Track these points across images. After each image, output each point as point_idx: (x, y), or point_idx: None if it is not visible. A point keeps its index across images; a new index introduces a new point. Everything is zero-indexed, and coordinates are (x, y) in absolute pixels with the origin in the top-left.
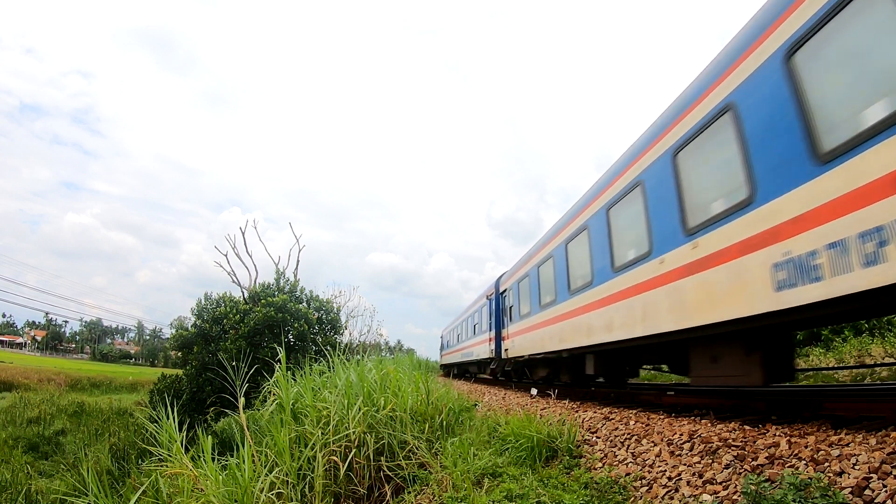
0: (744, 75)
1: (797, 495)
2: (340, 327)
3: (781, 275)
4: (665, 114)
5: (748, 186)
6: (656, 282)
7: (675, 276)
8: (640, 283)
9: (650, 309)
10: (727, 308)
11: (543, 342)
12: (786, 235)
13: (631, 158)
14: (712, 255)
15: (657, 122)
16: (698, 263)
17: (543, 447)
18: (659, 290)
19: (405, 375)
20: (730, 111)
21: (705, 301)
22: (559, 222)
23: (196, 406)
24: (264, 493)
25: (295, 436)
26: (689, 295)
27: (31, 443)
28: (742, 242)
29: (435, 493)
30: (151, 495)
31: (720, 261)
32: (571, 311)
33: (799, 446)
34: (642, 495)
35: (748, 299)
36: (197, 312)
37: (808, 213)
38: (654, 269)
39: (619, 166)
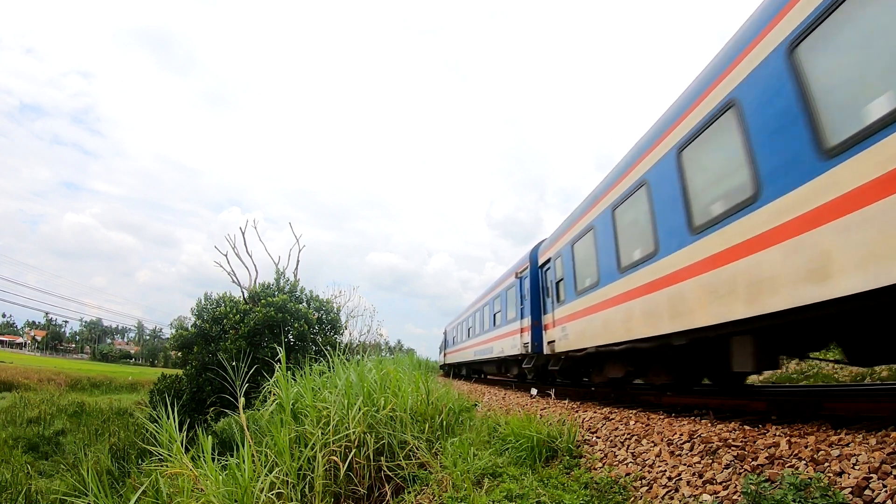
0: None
1: (797, 495)
2: (340, 327)
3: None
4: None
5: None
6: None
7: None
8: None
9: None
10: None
11: (628, 325)
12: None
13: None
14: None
15: None
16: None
17: (543, 447)
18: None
19: (405, 375)
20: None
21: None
22: (660, 123)
23: (196, 406)
24: (264, 493)
25: (295, 436)
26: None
27: (31, 443)
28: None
29: (435, 493)
30: (151, 495)
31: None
32: (704, 261)
33: (799, 446)
34: (642, 495)
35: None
36: (197, 312)
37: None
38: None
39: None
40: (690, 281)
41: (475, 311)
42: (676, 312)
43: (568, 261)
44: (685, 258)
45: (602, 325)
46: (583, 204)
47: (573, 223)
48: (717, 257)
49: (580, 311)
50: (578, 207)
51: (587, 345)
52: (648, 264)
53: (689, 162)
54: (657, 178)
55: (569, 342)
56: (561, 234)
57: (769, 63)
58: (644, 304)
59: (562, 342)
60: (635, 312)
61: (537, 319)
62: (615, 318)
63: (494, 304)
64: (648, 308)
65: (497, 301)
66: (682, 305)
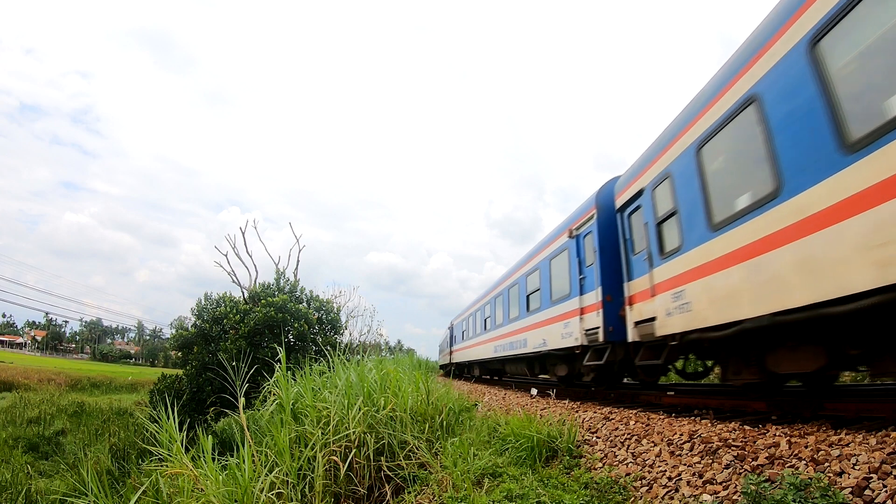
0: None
1: (797, 495)
2: (340, 327)
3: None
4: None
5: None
6: None
7: None
8: None
9: None
10: None
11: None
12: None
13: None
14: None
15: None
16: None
17: (543, 447)
18: None
19: (405, 375)
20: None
21: None
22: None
23: (196, 406)
24: (264, 493)
25: (295, 436)
26: None
27: (31, 443)
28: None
29: (435, 493)
30: (151, 495)
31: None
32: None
33: (799, 446)
34: (642, 495)
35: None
36: (197, 312)
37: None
38: None
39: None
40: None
41: (495, 297)
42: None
43: (690, 179)
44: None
45: (794, 270)
46: (723, 72)
47: (700, 112)
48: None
49: (725, 258)
50: (713, 81)
51: (742, 314)
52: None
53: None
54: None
55: (692, 316)
56: (670, 140)
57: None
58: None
59: (674, 318)
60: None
61: (613, 292)
62: (833, 253)
63: (528, 281)
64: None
65: (533, 277)
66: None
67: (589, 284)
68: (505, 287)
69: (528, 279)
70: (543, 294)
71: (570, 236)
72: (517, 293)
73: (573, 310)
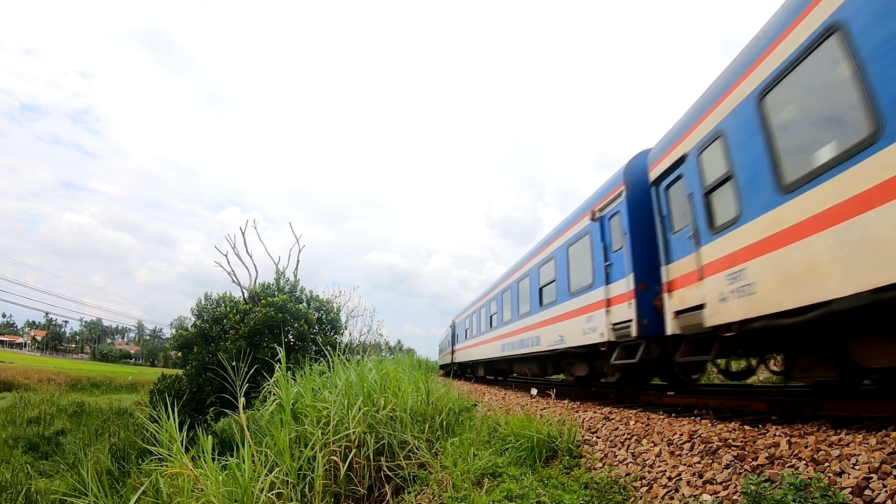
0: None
1: (797, 495)
2: (340, 327)
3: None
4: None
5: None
6: None
7: None
8: None
9: None
10: None
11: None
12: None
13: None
14: None
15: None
16: None
17: (543, 447)
18: None
19: (405, 375)
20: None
21: None
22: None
23: (196, 406)
24: (264, 493)
25: (295, 436)
26: None
27: (31, 443)
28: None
29: (435, 493)
30: (151, 495)
31: None
32: None
33: (799, 446)
34: (642, 495)
35: None
36: (197, 312)
37: None
38: None
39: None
40: None
41: (503, 291)
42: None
43: (751, 135)
44: None
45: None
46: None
47: (761, 54)
48: None
49: (804, 225)
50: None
51: (828, 293)
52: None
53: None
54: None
55: (756, 300)
56: (721, 94)
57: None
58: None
59: (730, 304)
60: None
61: (647, 279)
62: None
63: (541, 273)
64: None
65: (547, 267)
66: None
67: (617, 272)
68: (514, 280)
69: (542, 270)
70: (560, 286)
71: (592, 219)
72: (528, 286)
73: (597, 302)
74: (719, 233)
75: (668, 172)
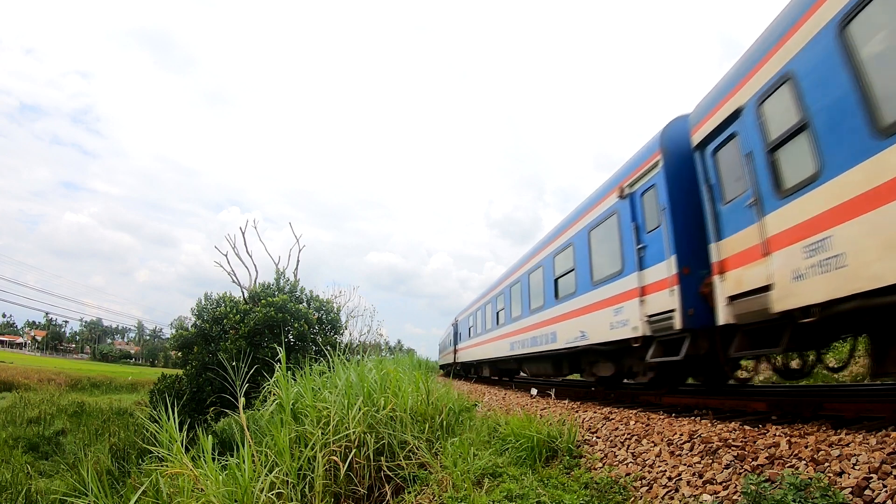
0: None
1: (797, 495)
2: (340, 327)
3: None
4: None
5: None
6: None
7: None
8: None
9: None
10: None
11: None
12: None
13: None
14: None
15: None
16: None
17: (543, 447)
18: None
19: (405, 375)
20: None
21: None
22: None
23: (196, 406)
24: (264, 493)
25: (295, 436)
26: None
27: (31, 443)
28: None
29: (435, 493)
30: (151, 495)
31: None
32: None
33: (799, 446)
34: (642, 495)
35: None
36: (197, 312)
37: None
38: None
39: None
40: None
41: (511, 285)
42: None
43: (831, 72)
44: None
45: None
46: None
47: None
48: None
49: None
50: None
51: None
52: None
53: None
54: None
55: (848, 275)
56: (786, 30)
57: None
58: None
59: (808, 282)
60: None
61: (692, 261)
62: None
63: (557, 262)
64: None
65: (564, 256)
66: None
67: (654, 255)
68: (524, 273)
69: (557, 259)
70: (581, 275)
71: (620, 196)
72: (541, 278)
73: (628, 291)
74: (791, 196)
75: (717, 132)
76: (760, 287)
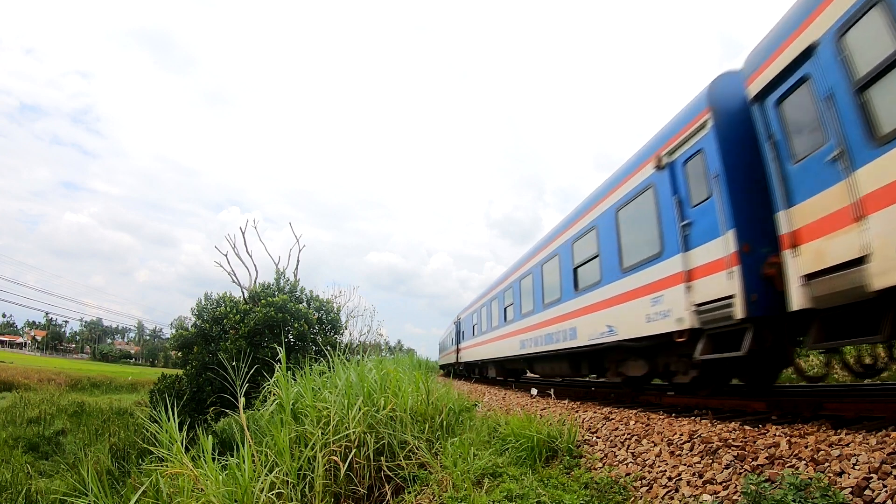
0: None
1: (797, 495)
2: (340, 327)
3: None
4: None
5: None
6: None
7: None
8: None
9: None
10: None
11: None
12: None
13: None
14: None
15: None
16: None
17: (543, 447)
18: None
19: (405, 375)
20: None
21: None
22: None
23: (196, 406)
24: (264, 493)
25: (295, 436)
26: None
27: (32, 443)
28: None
29: (435, 493)
30: (151, 495)
31: None
32: None
33: (799, 446)
34: (642, 495)
35: None
36: (197, 312)
37: None
38: None
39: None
40: None
41: (521, 278)
42: None
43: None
44: None
45: None
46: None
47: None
48: None
49: None
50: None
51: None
52: None
53: None
54: None
55: None
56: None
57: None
58: None
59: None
60: None
61: (753, 238)
62: None
63: (576, 249)
64: None
65: (585, 242)
66: None
67: (703, 232)
68: (535, 264)
69: (577, 246)
70: (607, 261)
71: (657, 167)
72: (557, 268)
73: (670, 276)
74: (894, 141)
75: (781, 78)
76: (851, 260)
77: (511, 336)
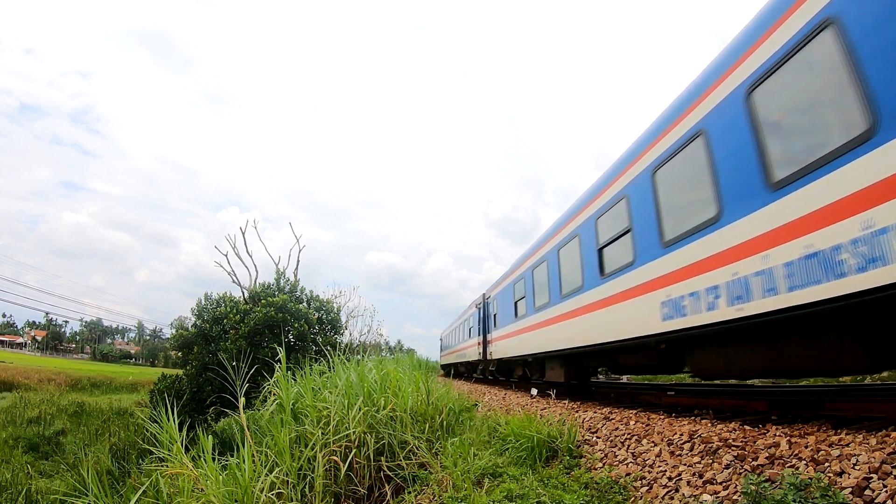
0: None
1: (797, 495)
2: (340, 327)
3: None
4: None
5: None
6: None
7: None
8: None
9: None
10: None
11: None
12: None
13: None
14: None
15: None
16: None
17: (544, 447)
18: None
19: (405, 375)
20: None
21: None
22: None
23: (196, 406)
24: (264, 493)
25: (295, 436)
26: None
27: (32, 443)
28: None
29: (435, 493)
30: (151, 495)
31: None
32: None
33: (799, 446)
34: (642, 495)
35: None
36: (197, 312)
37: None
38: None
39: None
40: None
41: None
42: None
43: None
44: None
45: None
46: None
47: None
48: None
49: None
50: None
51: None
52: None
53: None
54: None
55: None
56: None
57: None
58: None
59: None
60: None
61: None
62: None
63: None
64: None
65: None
66: None
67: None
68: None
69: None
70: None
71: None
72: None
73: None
74: None
75: None
76: None
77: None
